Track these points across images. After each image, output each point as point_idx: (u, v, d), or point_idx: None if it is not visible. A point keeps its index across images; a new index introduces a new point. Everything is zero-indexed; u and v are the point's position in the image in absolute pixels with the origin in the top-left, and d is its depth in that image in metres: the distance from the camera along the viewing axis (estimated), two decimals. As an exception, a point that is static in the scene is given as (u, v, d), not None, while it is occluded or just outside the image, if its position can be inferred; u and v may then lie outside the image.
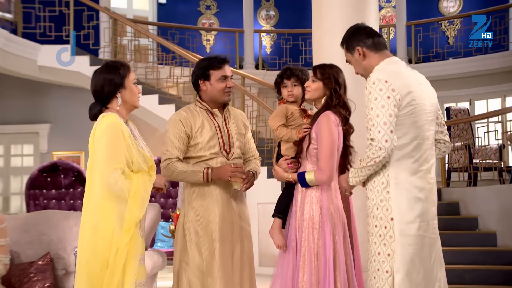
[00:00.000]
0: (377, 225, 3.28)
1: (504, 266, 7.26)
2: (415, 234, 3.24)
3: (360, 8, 6.68)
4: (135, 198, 3.34)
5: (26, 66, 10.21)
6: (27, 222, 4.61)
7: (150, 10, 13.66)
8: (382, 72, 3.27)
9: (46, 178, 8.25)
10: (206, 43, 13.84)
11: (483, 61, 11.67)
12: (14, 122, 11.77)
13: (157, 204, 5.02)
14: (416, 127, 3.28)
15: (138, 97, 3.60)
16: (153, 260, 4.74)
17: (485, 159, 8.98)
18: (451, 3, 13.50)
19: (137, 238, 3.38)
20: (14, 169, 12.03)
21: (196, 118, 3.93)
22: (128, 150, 3.37)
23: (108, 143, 3.33)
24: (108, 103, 3.50)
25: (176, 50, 10.33)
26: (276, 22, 14.39)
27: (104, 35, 10.93)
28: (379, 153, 3.18)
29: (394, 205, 3.24)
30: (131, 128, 3.58)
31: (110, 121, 3.38)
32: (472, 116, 9.97)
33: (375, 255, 3.28)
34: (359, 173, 3.34)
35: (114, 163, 3.29)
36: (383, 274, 3.24)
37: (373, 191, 3.33)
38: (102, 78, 3.50)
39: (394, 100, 3.19)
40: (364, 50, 3.42)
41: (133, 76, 3.58)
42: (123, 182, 3.29)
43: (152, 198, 8.38)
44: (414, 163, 3.28)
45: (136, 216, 3.35)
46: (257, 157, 4.18)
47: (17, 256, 4.48)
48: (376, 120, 3.18)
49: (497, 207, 7.77)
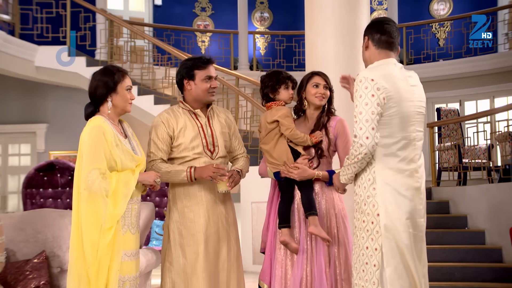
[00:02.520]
0: (365, 220, 3.30)
1: (492, 263, 7.29)
2: (401, 230, 3.25)
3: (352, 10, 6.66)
4: (114, 196, 3.39)
5: (24, 66, 10.19)
6: (23, 220, 4.59)
7: (146, 11, 13.63)
8: (371, 71, 3.28)
9: (42, 177, 8.22)
10: (201, 45, 13.82)
11: (472, 62, 11.71)
12: (11, 122, 11.75)
13: (151, 203, 5.01)
14: (402, 127, 3.29)
15: (129, 103, 3.65)
16: (146, 258, 4.74)
17: (475, 159, 9.00)
18: (442, 5, 13.53)
19: (119, 235, 3.40)
20: (12, 168, 12.00)
21: (178, 119, 3.92)
22: (112, 150, 3.43)
23: (89, 145, 3.41)
24: (101, 105, 3.58)
25: (172, 51, 10.32)
26: (270, 24, 14.38)
27: (101, 36, 10.91)
28: (360, 150, 3.21)
29: (380, 201, 3.26)
30: (125, 129, 3.64)
31: (93, 123, 3.47)
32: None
33: (363, 249, 3.30)
34: (346, 170, 3.37)
35: (93, 164, 3.37)
36: (371, 268, 3.26)
37: (360, 187, 3.35)
38: (97, 80, 3.58)
39: (378, 99, 3.20)
40: (369, 42, 3.44)
41: (127, 82, 3.63)
42: (101, 182, 3.36)
43: (147, 197, 8.36)
44: (400, 162, 3.29)
45: (116, 214, 3.40)
46: (245, 155, 4.16)
47: (13, 254, 4.46)
48: (359, 117, 3.21)
49: (486, 206, 7.79)
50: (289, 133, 3.84)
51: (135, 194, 3.53)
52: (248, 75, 11.07)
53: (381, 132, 3.25)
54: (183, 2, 13.86)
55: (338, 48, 6.48)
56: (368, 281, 3.27)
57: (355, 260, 3.37)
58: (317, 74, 4.01)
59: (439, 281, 7.02)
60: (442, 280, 7.07)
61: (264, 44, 14.14)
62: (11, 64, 10.02)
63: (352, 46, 6.38)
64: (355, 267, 3.37)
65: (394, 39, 3.44)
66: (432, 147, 9.32)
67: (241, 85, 10.42)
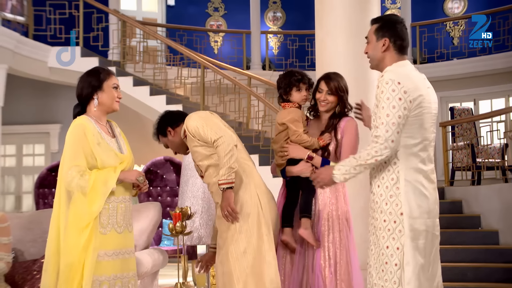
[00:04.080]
0: (386, 219, 3.28)
1: (506, 264, 7.21)
2: (422, 229, 3.27)
3: (362, 9, 6.62)
4: (91, 194, 3.39)
5: (37, 67, 10.22)
6: (30, 220, 4.61)
7: (159, 12, 13.64)
8: (395, 74, 3.28)
9: (54, 177, 8.23)
10: (214, 44, 13.81)
11: (487, 61, 11.58)
12: (25, 123, 11.80)
13: (158, 203, 5.00)
14: (423, 128, 3.31)
15: (116, 101, 3.65)
16: (153, 258, 4.72)
17: (488, 158, 8.90)
18: (456, 4, 13.40)
19: (96, 234, 3.40)
20: (26, 168, 12.06)
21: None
22: (93, 148, 3.45)
23: (70, 143, 3.46)
24: (87, 105, 3.61)
25: (184, 51, 10.33)
26: (283, 24, 14.34)
27: (113, 37, 10.94)
28: (383, 152, 3.20)
29: (404, 200, 3.25)
30: (113, 128, 3.68)
31: (76, 122, 3.51)
32: (475, 116, 9.90)
33: (383, 248, 3.28)
34: (351, 170, 3.32)
35: (72, 161, 3.42)
36: (392, 267, 3.24)
37: (381, 187, 3.33)
38: (83, 81, 3.63)
39: (405, 103, 3.21)
40: (390, 45, 3.40)
41: (113, 80, 3.65)
42: (79, 180, 3.38)
43: (158, 197, 8.37)
44: (421, 162, 3.31)
45: (92, 212, 3.40)
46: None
47: (21, 254, 4.48)
48: (386, 119, 3.20)
49: (500, 206, 7.71)
50: (295, 138, 3.85)
51: (121, 193, 3.52)
52: (260, 75, 11.05)
53: (405, 133, 3.25)
54: (196, 2, 13.86)
55: (347, 47, 6.44)
56: (388, 280, 3.26)
57: (375, 260, 3.34)
58: (322, 78, 3.99)
59: (452, 281, 6.94)
60: (454, 281, 7.00)
61: (277, 43, 14.10)
62: (24, 65, 10.06)
63: (361, 45, 6.21)
64: (375, 267, 3.34)
65: (409, 43, 3.48)
66: (445, 146, 9.23)
67: (253, 84, 10.41)
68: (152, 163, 8.62)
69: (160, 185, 8.63)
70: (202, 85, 9.90)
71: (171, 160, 8.48)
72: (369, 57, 3.52)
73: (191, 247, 7.75)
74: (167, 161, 8.48)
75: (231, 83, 9.89)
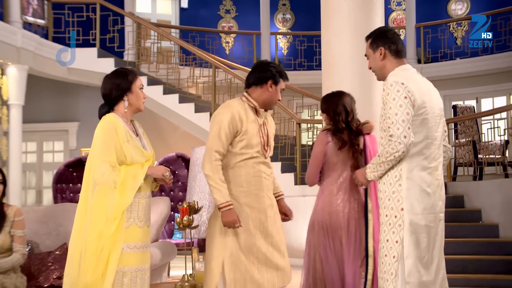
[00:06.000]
0: (388, 214, 3.35)
1: (505, 256, 7.17)
2: (422, 224, 3.31)
3: (367, 11, 6.60)
4: (122, 188, 3.40)
5: (56, 68, 10.28)
6: (45, 214, 4.63)
7: (172, 14, 13.66)
8: (398, 76, 3.37)
9: (72, 173, 8.29)
10: (225, 45, 13.80)
11: (489, 61, 11.51)
12: (45, 121, 11.86)
13: (167, 197, 5.00)
14: (426, 127, 3.37)
15: (142, 102, 3.67)
16: (161, 251, 4.73)
17: (489, 155, 8.84)
18: (459, 5, 13.30)
19: (122, 227, 3.41)
20: (46, 164, 12.14)
21: (248, 112, 3.76)
22: (123, 145, 3.44)
23: (101, 139, 3.43)
24: (115, 105, 3.59)
25: (196, 52, 10.34)
26: (292, 25, 14.30)
27: (128, 38, 10.98)
28: (398, 148, 3.26)
29: (405, 197, 3.31)
30: (136, 127, 3.67)
31: (107, 120, 3.49)
32: (476, 113, 9.82)
33: (384, 242, 3.36)
34: (378, 168, 3.40)
35: (104, 157, 3.40)
36: (390, 260, 3.31)
37: (385, 183, 3.40)
38: (111, 82, 3.59)
39: (410, 101, 3.29)
40: (386, 52, 3.51)
41: (139, 82, 3.66)
42: (110, 174, 3.37)
43: (171, 192, 8.38)
44: (424, 160, 3.36)
45: (122, 204, 3.39)
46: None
47: (36, 246, 4.50)
48: (395, 118, 3.27)
49: (500, 200, 7.66)
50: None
51: (143, 189, 3.53)
52: (270, 75, 11.02)
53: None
54: (208, 4, 13.86)
55: (352, 48, 6.43)
56: (386, 272, 3.32)
57: (381, 255, 3.41)
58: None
59: (453, 273, 6.89)
60: (456, 273, 6.96)
61: (286, 44, 14.07)
62: (45, 65, 10.12)
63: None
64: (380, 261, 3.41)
65: (403, 46, 3.57)
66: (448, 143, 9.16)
67: (263, 84, 10.37)
68: (165, 159, 8.63)
69: (173, 181, 8.61)
70: (213, 84, 9.91)
71: (182, 156, 8.49)
72: (373, 70, 3.60)
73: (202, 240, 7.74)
74: (178, 158, 8.49)
75: (241, 82, 9.88)
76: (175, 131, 10.87)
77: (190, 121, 9.86)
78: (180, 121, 9.98)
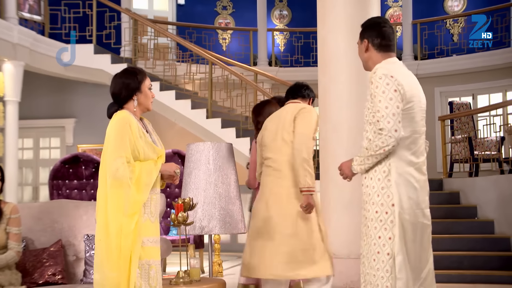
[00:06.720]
0: (378, 210, 3.31)
1: (500, 252, 7.20)
2: (412, 220, 3.28)
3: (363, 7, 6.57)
4: (137, 183, 3.40)
5: (53, 64, 10.24)
6: (40, 210, 4.60)
7: (169, 11, 13.62)
8: (387, 69, 3.33)
9: (68, 169, 8.25)
10: (222, 42, 13.79)
11: (485, 57, 11.51)
12: (42, 117, 11.81)
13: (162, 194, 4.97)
14: (414, 122, 3.34)
15: (151, 101, 3.67)
16: (157, 247, 4.70)
17: (485, 151, 8.85)
18: (456, 2, 13.30)
19: (140, 222, 3.41)
20: (43, 161, 12.10)
21: None
22: (136, 141, 3.44)
23: (116, 135, 3.43)
24: (125, 104, 3.58)
25: (193, 48, 10.33)
26: (289, 21, 14.28)
27: (125, 35, 10.96)
28: (389, 142, 3.23)
29: (395, 192, 3.27)
30: (146, 124, 3.67)
31: (120, 116, 3.49)
32: (472, 110, 9.82)
33: (375, 239, 3.30)
34: (365, 161, 3.35)
35: (118, 152, 3.39)
36: (384, 257, 3.27)
37: (373, 179, 3.35)
38: (121, 82, 3.57)
39: (400, 94, 3.26)
40: (369, 45, 3.49)
41: (148, 82, 3.65)
42: (125, 169, 3.36)
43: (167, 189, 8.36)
44: (411, 155, 3.33)
45: (139, 200, 3.40)
46: None
47: (31, 243, 4.48)
48: (385, 111, 3.24)
49: (495, 197, 7.67)
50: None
51: (154, 185, 3.54)
52: (267, 71, 11.07)
53: None
54: (205, 1, 13.84)
55: (348, 44, 6.39)
56: (380, 269, 3.27)
57: (367, 251, 3.36)
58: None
59: (448, 269, 6.93)
60: (451, 268, 6.98)
61: (283, 40, 14.06)
62: (41, 62, 10.09)
63: (362, 42, 6.29)
64: (367, 257, 3.36)
65: (392, 41, 3.52)
66: (444, 139, 9.17)
67: (259, 80, 10.40)
68: (161, 156, 8.59)
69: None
70: (210, 80, 9.89)
71: (179, 153, 8.47)
72: (361, 60, 3.60)
73: (198, 237, 7.74)
74: (175, 154, 8.46)
75: (238, 78, 9.88)
76: (172, 128, 10.85)
77: (186, 118, 9.84)
78: (177, 117, 9.96)
